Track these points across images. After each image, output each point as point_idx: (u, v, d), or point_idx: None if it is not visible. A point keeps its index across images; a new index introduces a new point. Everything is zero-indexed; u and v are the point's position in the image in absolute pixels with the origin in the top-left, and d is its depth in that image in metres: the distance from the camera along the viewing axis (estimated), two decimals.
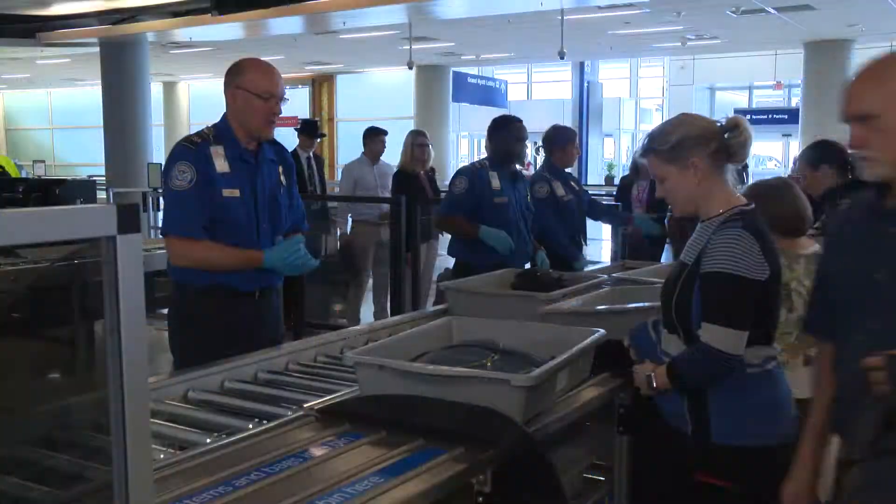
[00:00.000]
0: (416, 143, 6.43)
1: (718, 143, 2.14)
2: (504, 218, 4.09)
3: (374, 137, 6.73)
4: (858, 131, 1.63)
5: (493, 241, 3.97)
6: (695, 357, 2.09)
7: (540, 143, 5.17)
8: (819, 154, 3.66)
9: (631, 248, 5.93)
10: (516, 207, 4.20)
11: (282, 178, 2.87)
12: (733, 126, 2.14)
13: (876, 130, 1.58)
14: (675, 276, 2.20)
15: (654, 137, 2.21)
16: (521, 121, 4.34)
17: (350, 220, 6.75)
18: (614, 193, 8.10)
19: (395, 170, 6.86)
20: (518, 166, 4.33)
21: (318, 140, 7.22)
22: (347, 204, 6.74)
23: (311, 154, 6.95)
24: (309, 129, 7.01)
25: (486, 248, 4.00)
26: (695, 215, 2.22)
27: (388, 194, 6.53)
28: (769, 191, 2.86)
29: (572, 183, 5.04)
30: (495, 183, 4.10)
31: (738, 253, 2.04)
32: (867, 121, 1.61)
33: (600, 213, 5.49)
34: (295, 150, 6.70)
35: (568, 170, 5.11)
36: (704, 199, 2.16)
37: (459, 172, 4.31)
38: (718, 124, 2.18)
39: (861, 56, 16.66)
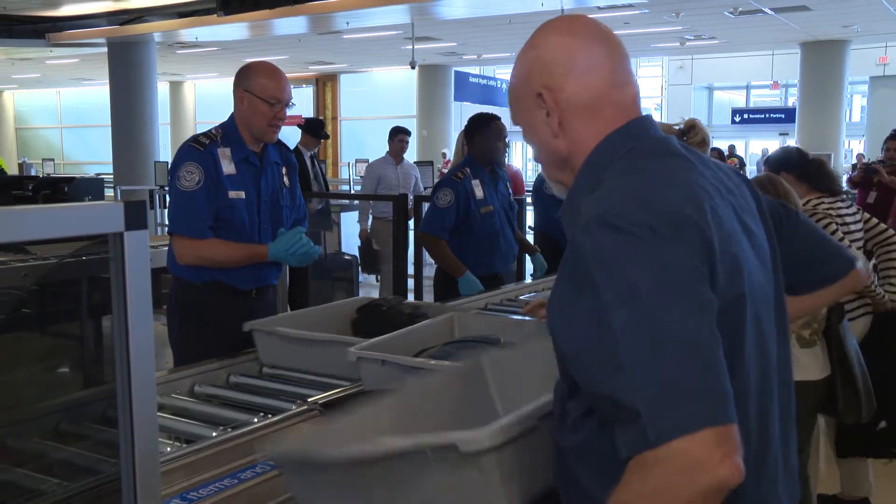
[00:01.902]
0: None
1: None
2: (490, 228, 3.91)
3: (394, 137, 6.75)
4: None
5: (465, 289, 3.69)
6: None
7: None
8: (781, 161, 3.58)
9: None
10: (500, 213, 4.02)
11: (285, 179, 2.87)
12: (690, 127, 2.18)
13: (529, 142, 1.30)
14: None
15: None
16: (500, 119, 4.18)
17: (371, 217, 6.80)
18: None
19: (417, 169, 6.90)
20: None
21: (321, 141, 6.94)
22: (370, 202, 6.77)
23: (314, 152, 6.87)
24: (313, 129, 6.75)
25: (472, 256, 3.81)
26: None
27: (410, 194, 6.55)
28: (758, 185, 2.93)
29: None
30: (479, 192, 3.88)
31: None
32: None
33: None
34: (297, 147, 6.58)
35: None
36: None
37: (443, 185, 3.98)
38: (677, 128, 2.20)
39: (856, 56, 16.66)
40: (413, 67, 15.36)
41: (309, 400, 2.04)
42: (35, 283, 3.12)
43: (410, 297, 5.63)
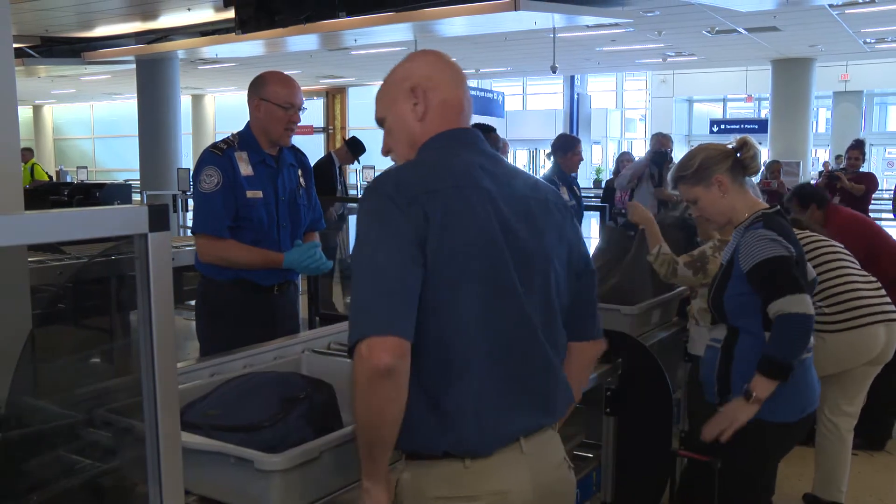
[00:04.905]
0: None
1: (733, 159, 2.24)
2: None
3: None
4: (384, 137, 1.62)
5: None
6: (778, 335, 2.05)
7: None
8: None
9: None
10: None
11: (301, 180, 2.86)
12: (742, 144, 2.25)
13: (388, 132, 1.59)
14: (717, 275, 2.30)
15: (679, 168, 2.32)
16: (495, 130, 4.21)
17: None
18: (601, 195, 8.15)
19: None
20: None
21: (355, 160, 7.08)
22: None
23: (339, 165, 6.98)
24: (354, 147, 6.92)
25: None
26: (728, 225, 2.31)
27: None
28: None
29: (574, 188, 5.06)
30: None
31: (765, 244, 2.11)
32: (382, 125, 1.61)
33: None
34: (330, 153, 6.85)
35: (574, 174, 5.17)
36: (732, 210, 2.26)
37: None
38: (730, 146, 2.28)
39: (821, 73, 16.67)
40: None
41: None
42: (69, 280, 3.12)
43: None
